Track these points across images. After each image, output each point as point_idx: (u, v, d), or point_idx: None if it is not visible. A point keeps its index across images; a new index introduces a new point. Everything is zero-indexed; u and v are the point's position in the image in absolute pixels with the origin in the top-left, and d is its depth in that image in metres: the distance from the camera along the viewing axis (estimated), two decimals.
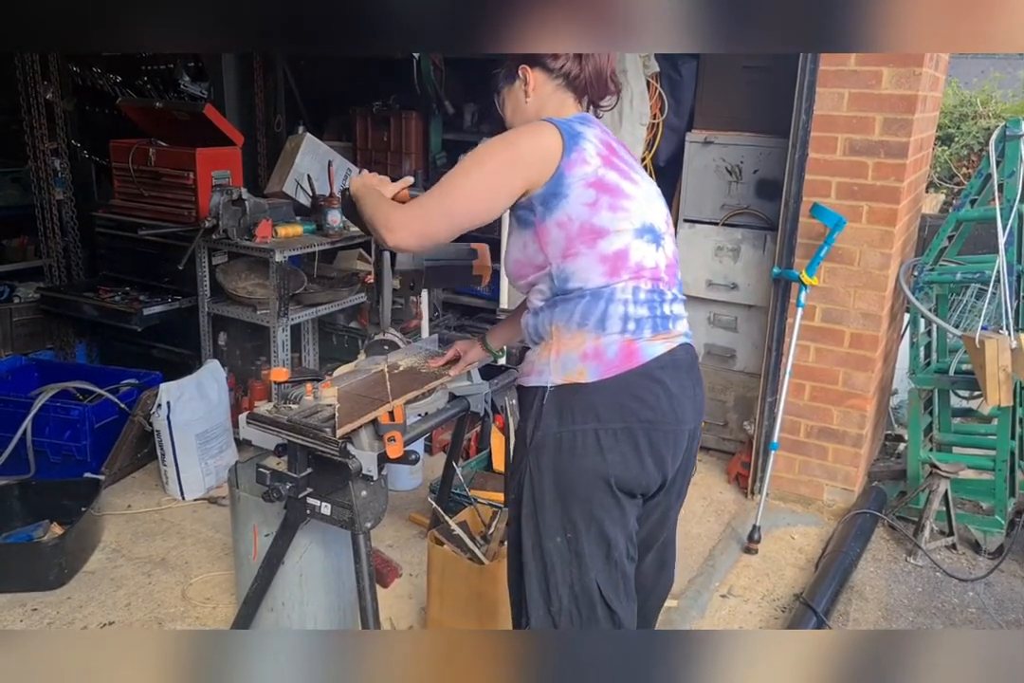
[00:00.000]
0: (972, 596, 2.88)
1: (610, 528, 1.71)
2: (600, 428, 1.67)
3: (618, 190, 1.69)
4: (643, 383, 1.68)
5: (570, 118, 1.76)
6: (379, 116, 4.39)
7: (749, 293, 3.59)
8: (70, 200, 4.22)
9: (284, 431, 1.96)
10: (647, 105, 3.66)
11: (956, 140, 7.18)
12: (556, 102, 1.81)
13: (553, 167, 1.65)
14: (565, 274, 1.69)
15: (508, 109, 1.88)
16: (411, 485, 3.43)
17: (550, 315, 1.73)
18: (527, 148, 1.67)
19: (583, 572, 1.72)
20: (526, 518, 1.74)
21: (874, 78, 2.96)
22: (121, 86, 4.76)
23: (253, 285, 3.65)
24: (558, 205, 1.66)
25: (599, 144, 1.71)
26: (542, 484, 1.71)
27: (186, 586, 2.77)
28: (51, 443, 3.28)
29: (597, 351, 1.68)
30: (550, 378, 1.71)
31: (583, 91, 1.81)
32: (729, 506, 3.41)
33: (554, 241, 1.67)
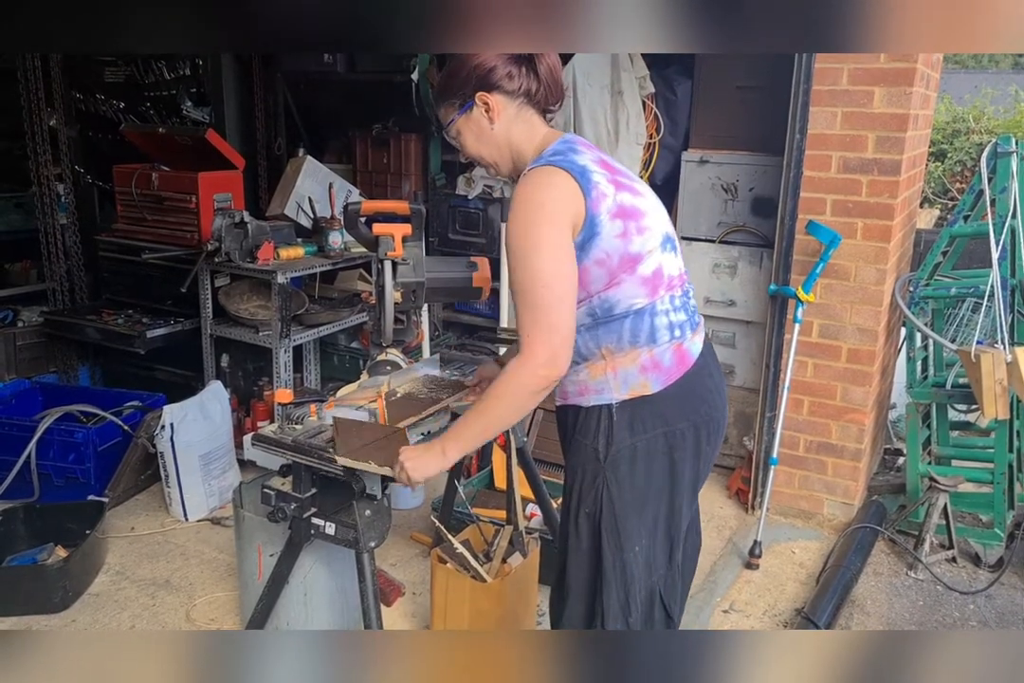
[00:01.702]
0: (973, 609, 2.89)
1: (674, 528, 1.81)
2: (668, 430, 1.75)
3: (636, 211, 1.70)
4: (698, 380, 1.78)
5: (558, 149, 1.71)
6: (379, 138, 4.43)
7: (747, 309, 3.62)
8: (73, 224, 4.26)
9: (289, 452, 1.98)
10: (643, 125, 3.71)
11: (949, 156, 7.25)
12: (524, 124, 1.77)
13: (583, 212, 1.63)
14: (609, 303, 1.70)
15: (467, 139, 1.81)
16: (413, 504, 3.45)
17: (595, 337, 1.74)
18: (557, 203, 1.62)
19: (648, 576, 1.79)
20: (607, 532, 1.76)
21: (866, 97, 3.00)
22: (124, 112, 4.82)
23: (255, 307, 3.68)
24: (594, 245, 1.65)
25: (601, 168, 1.69)
26: (621, 497, 1.75)
27: (190, 607, 2.78)
28: (55, 466, 3.30)
29: (654, 362, 1.73)
30: (613, 395, 1.74)
31: (544, 102, 1.78)
32: (730, 521, 3.42)
33: (595, 279, 1.67)
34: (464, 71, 1.74)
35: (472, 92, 1.74)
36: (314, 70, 4.43)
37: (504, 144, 1.79)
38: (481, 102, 1.75)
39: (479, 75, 1.72)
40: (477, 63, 1.72)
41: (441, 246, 4.27)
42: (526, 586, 2.55)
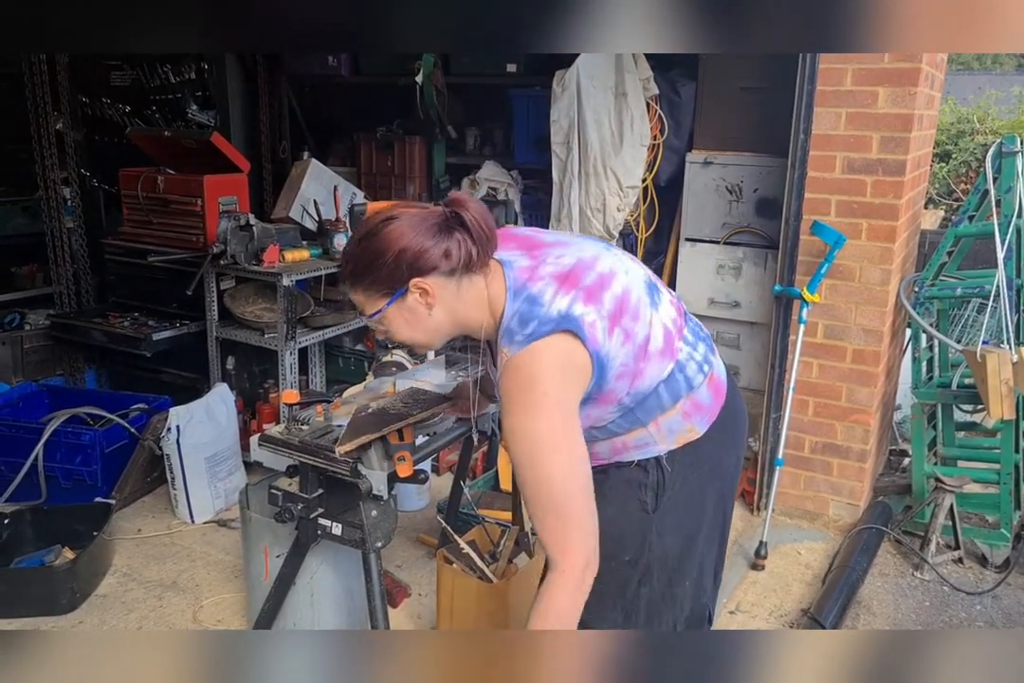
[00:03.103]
0: (980, 609, 2.89)
1: (722, 544, 1.81)
2: (714, 465, 1.71)
3: (622, 303, 1.53)
4: (732, 403, 1.74)
5: (519, 309, 1.49)
6: (383, 141, 4.44)
7: (751, 310, 3.62)
8: (80, 228, 4.28)
9: (296, 452, 1.99)
10: (647, 127, 3.72)
11: (954, 156, 7.25)
12: (469, 297, 1.54)
13: (589, 362, 1.48)
14: (641, 394, 1.58)
15: (398, 327, 1.58)
16: (418, 505, 3.45)
17: (631, 419, 1.61)
18: (559, 382, 1.46)
19: (696, 600, 1.77)
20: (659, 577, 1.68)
21: (870, 97, 3.01)
22: (130, 116, 4.84)
23: (261, 309, 3.69)
24: (608, 371, 1.51)
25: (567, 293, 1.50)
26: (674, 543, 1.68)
27: (197, 609, 2.79)
28: (62, 468, 3.31)
29: (696, 405, 1.65)
30: (659, 448, 1.64)
31: (481, 261, 1.52)
32: (735, 523, 3.38)
33: (620, 389, 1.55)
34: (386, 260, 1.49)
35: (406, 280, 1.50)
36: (318, 73, 4.45)
37: (446, 324, 1.58)
38: (416, 288, 1.51)
39: (409, 262, 1.48)
40: (401, 248, 1.47)
41: None
42: (532, 587, 2.54)
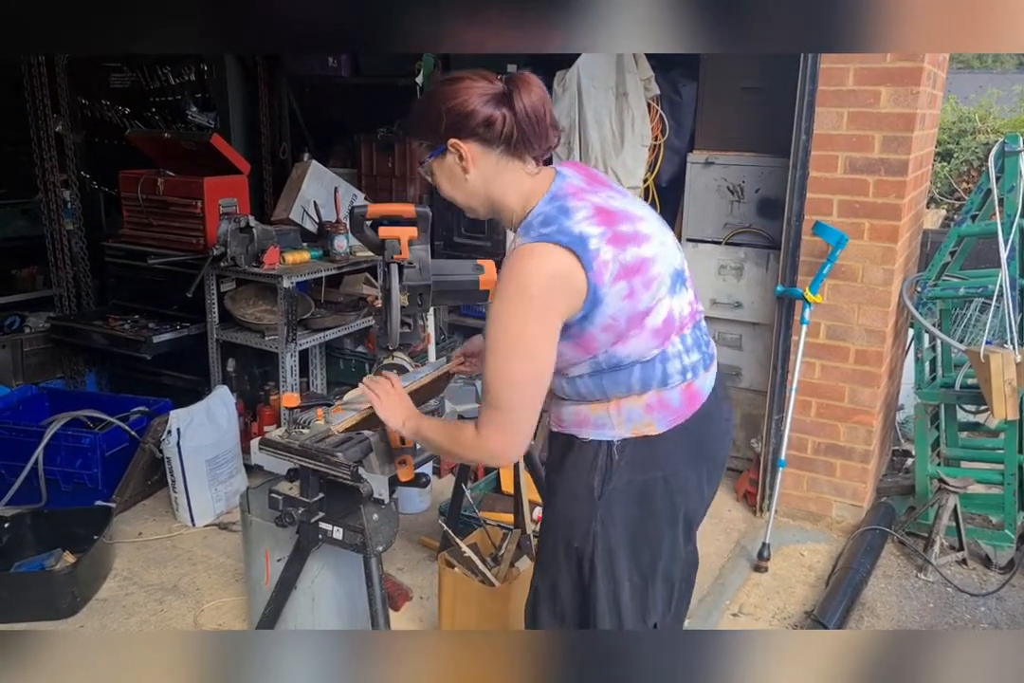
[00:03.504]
0: (984, 611, 2.87)
1: (673, 567, 1.75)
2: (669, 474, 1.67)
3: (642, 264, 1.55)
4: (707, 419, 1.70)
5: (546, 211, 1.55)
6: (383, 142, 4.43)
7: (753, 311, 3.61)
8: (80, 230, 4.27)
9: (296, 456, 1.98)
10: (648, 127, 3.71)
11: (956, 156, 7.24)
12: (507, 174, 1.59)
13: (584, 288, 1.50)
14: (616, 358, 1.59)
15: (442, 181, 1.65)
16: (420, 508, 3.44)
17: (599, 385, 1.63)
18: (548, 289, 1.48)
19: (647, 619, 1.74)
20: (602, 571, 1.67)
21: (872, 97, 2.99)
22: (129, 118, 4.84)
23: (261, 311, 3.68)
24: (598, 312, 1.52)
25: (598, 225, 1.53)
26: (616, 535, 1.66)
27: (198, 612, 2.78)
28: (62, 472, 3.30)
29: (662, 402, 1.64)
30: (615, 433, 1.64)
31: (527, 149, 1.57)
32: (738, 524, 3.41)
33: (602, 342, 1.56)
34: (435, 113, 1.55)
35: (445, 136, 1.56)
36: (318, 74, 4.44)
37: (482, 194, 1.62)
38: (454, 149, 1.57)
39: (452, 120, 1.54)
40: (451, 106, 1.53)
41: (447, 249, 4.27)
42: None
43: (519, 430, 1.56)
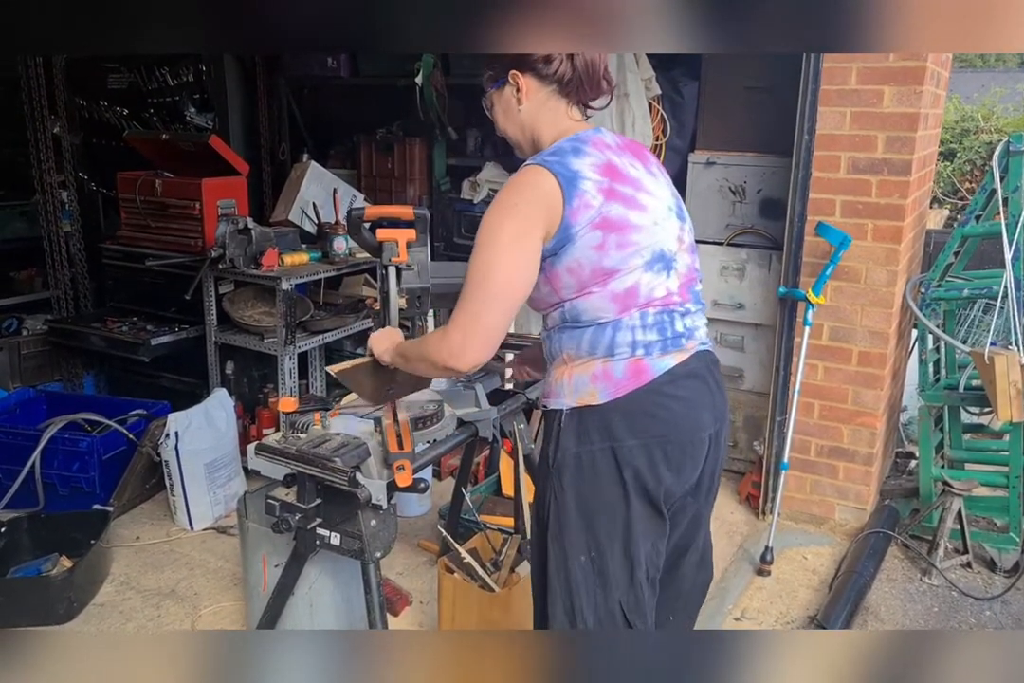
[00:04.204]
0: (989, 615, 2.85)
1: (633, 546, 1.72)
2: (616, 446, 1.68)
3: (625, 225, 1.64)
4: (653, 398, 1.69)
5: (562, 146, 1.69)
6: (383, 143, 4.41)
7: (756, 312, 3.58)
8: (77, 232, 4.25)
9: (292, 462, 1.95)
10: (649, 127, 3.68)
11: (959, 155, 7.21)
12: (550, 112, 1.76)
13: (559, 216, 1.62)
14: (576, 311, 1.69)
15: (499, 113, 1.83)
16: (420, 511, 3.42)
17: (559, 340, 1.75)
18: (532, 206, 1.62)
19: (607, 594, 1.72)
20: (552, 539, 1.74)
21: (875, 97, 2.97)
22: (127, 119, 4.82)
23: (260, 313, 3.66)
24: (566, 251, 1.63)
25: (599, 175, 1.65)
26: (566, 504, 1.71)
27: (196, 618, 2.75)
28: (60, 475, 3.28)
29: (606, 373, 1.69)
30: (565, 401, 1.72)
31: (576, 94, 1.76)
32: (741, 527, 3.38)
33: (566, 285, 1.67)
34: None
35: (507, 69, 1.74)
36: (317, 75, 4.42)
37: (528, 127, 1.78)
38: (513, 80, 1.74)
39: (517, 53, 1.70)
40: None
41: (447, 251, 4.25)
42: None
43: (483, 331, 1.62)
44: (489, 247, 1.62)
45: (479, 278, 1.61)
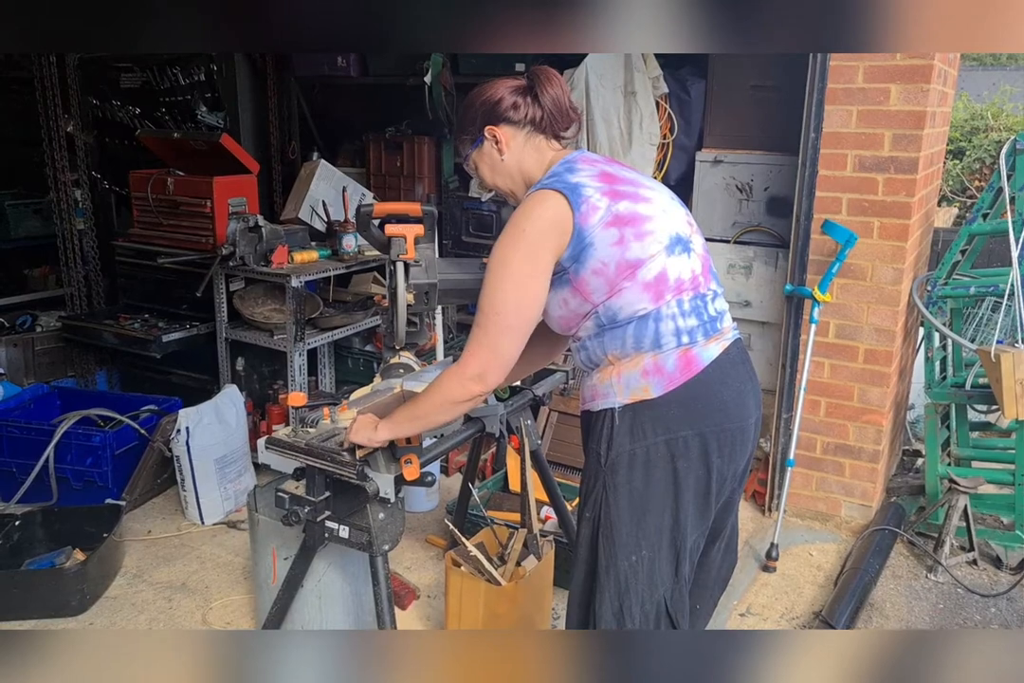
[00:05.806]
0: (995, 612, 2.86)
1: (680, 540, 1.77)
2: (670, 439, 1.72)
3: (635, 217, 1.70)
4: (707, 387, 1.74)
5: (556, 170, 1.77)
6: (392, 141, 4.44)
7: (762, 310, 3.59)
8: (91, 230, 4.29)
9: (302, 455, 1.98)
10: (657, 126, 3.70)
11: (968, 153, 7.18)
12: (532, 150, 1.83)
13: (570, 228, 1.67)
14: (612, 311, 1.72)
15: (484, 171, 1.89)
16: (427, 507, 3.44)
17: (600, 344, 1.77)
18: (539, 228, 1.68)
19: (653, 590, 1.76)
20: (604, 537, 1.77)
21: (882, 95, 2.98)
22: (140, 118, 4.86)
23: (270, 310, 3.69)
24: (588, 254, 1.68)
25: (598, 181, 1.72)
26: (618, 503, 1.74)
27: (206, 610, 2.79)
28: (73, 470, 3.32)
29: (657, 366, 1.72)
30: (616, 400, 1.75)
31: (551, 128, 1.83)
32: (746, 524, 3.39)
33: (596, 288, 1.70)
34: (472, 108, 1.84)
35: (481, 127, 1.83)
36: (327, 74, 4.45)
37: (516, 172, 1.85)
38: (490, 135, 1.82)
39: (485, 110, 1.81)
40: (483, 99, 1.82)
41: (455, 249, 4.27)
42: (541, 589, 2.55)
43: (501, 352, 1.70)
44: (500, 283, 1.69)
45: (492, 314, 1.69)
